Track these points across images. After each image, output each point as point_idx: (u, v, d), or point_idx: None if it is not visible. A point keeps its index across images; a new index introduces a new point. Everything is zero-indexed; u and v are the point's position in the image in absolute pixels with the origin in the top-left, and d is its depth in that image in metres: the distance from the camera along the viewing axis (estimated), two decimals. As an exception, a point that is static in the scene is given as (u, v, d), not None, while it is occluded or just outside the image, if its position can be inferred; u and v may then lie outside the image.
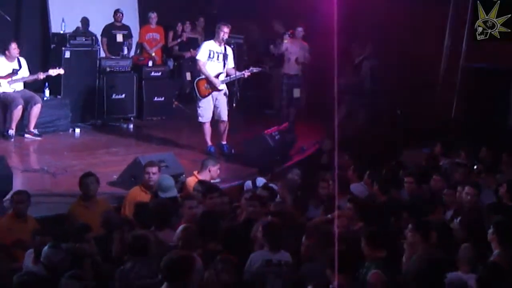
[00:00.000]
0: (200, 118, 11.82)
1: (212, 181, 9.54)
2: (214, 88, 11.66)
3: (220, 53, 11.73)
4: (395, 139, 13.34)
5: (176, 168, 10.03)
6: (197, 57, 11.77)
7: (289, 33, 14.63)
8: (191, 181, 9.50)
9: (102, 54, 14.44)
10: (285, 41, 14.54)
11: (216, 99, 11.76)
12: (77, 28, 14.25)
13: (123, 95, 14.06)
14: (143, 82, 14.48)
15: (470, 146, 11.52)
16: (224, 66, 11.75)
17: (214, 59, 11.68)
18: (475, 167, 10.22)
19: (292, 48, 14.49)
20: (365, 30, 15.90)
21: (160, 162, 9.41)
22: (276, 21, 16.25)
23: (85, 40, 13.77)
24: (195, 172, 9.73)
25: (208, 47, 11.74)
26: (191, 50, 15.98)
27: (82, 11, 14.70)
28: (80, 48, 13.60)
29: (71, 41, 13.48)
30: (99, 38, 14.51)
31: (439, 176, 9.63)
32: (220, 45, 11.72)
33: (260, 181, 9.76)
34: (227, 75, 11.86)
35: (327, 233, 6.94)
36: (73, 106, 13.25)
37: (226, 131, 11.98)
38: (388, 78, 15.31)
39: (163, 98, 14.75)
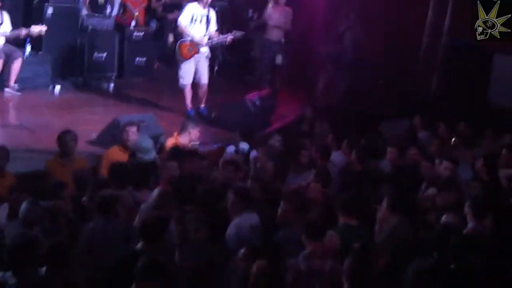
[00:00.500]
0: (181, 80, 11.80)
1: (191, 143, 9.55)
2: (196, 51, 11.61)
3: (204, 16, 11.66)
4: (374, 109, 13.40)
5: (155, 129, 10.05)
6: (179, 19, 11.71)
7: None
8: (171, 142, 9.50)
9: (85, 12, 14.31)
10: (269, 5, 14.44)
11: (198, 62, 11.72)
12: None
13: (105, 54, 13.96)
14: (125, 42, 14.37)
15: (449, 120, 11.58)
16: (207, 29, 11.70)
17: (197, 22, 11.62)
18: (452, 139, 10.26)
19: (274, 14, 14.39)
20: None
21: (140, 122, 9.39)
22: None
23: (68, -4, 13.68)
24: (175, 134, 9.73)
25: (192, 9, 11.67)
26: (175, 11, 15.87)
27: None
28: (62, 5, 13.48)
29: (54, -3, 13.37)
30: (82, -5, 14.36)
31: (416, 149, 9.68)
32: (204, 8, 11.64)
33: (243, 146, 9.80)
34: (210, 38, 11.81)
35: (303, 199, 7.03)
36: (54, 63, 13.12)
37: (205, 95, 11.96)
38: (370, 49, 15.34)
39: (144, 59, 14.66)
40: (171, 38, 15.86)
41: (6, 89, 12.05)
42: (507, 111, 13.24)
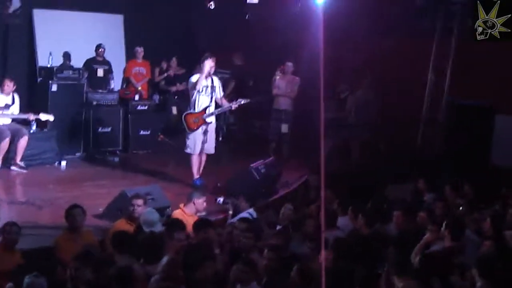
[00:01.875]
0: (188, 149, 11.83)
1: (198, 214, 9.57)
2: (202, 121, 11.71)
3: (207, 86, 11.79)
4: (378, 173, 13.45)
5: (162, 201, 10.06)
6: (191, 79, 11.86)
7: (279, 68, 14.73)
8: (177, 214, 9.49)
9: (88, 88, 14.49)
10: (277, 77, 14.65)
11: (205, 132, 11.81)
12: (64, 61, 14.34)
13: (109, 129, 14.14)
14: (129, 115, 14.57)
15: (453, 181, 11.56)
16: (211, 98, 11.80)
17: (203, 93, 11.75)
18: (460, 208, 10.20)
19: (282, 83, 14.60)
20: (351, 65, 16.12)
21: (146, 194, 9.42)
22: (235, 55, 16.36)
23: (72, 73, 13.89)
24: (181, 205, 9.74)
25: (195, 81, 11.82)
26: (177, 84, 16.08)
27: (69, 46, 14.79)
28: (66, 82, 13.71)
29: (58, 75, 13.59)
30: (80, 71, 14.58)
31: (425, 213, 9.66)
32: (206, 79, 11.79)
33: (250, 212, 9.85)
34: (217, 106, 11.93)
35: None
36: (59, 139, 13.28)
37: (203, 164, 12.02)
38: (373, 113, 15.47)
39: (149, 132, 14.82)
40: (174, 110, 16.08)
41: (13, 167, 12.18)
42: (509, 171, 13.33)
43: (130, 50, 16.16)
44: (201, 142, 11.79)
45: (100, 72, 14.98)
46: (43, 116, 12.30)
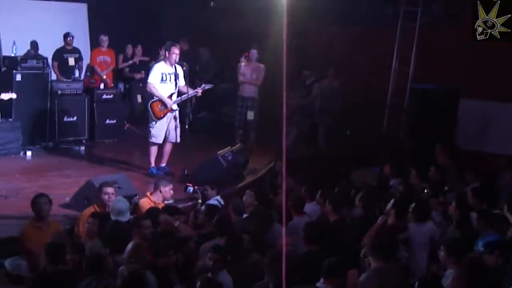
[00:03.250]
0: (153, 138, 11.80)
1: (165, 202, 9.57)
2: (168, 109, 11.69)
3: (172, 74, 11.76)
4: (345, 159, 13.54)
5: (129, 190, 10.05)
6: (149, 80, 11.77)
7: (245, 55, 14.70)
8: (144, 202, 9.51)
9: (54, 77, 14.40)
10: (242, 64, 14.62)
11: (170, 120, 11.80)
12: (28, 51, 14.22)
13: (75, 118, 14.05)
14: (94, 104, 14.50)
15: (418, 166, 11.68)
16: (176, 86, 11.79)
17: (167, 80, 11.72)
18: (425, 190, 10.32)
19: (247, 70, 14.56)
20: (316, 52, 16.21)
21: (113, 183, 9.41)
22: (182, 40, 16.38)
23: (36, 63, 13.74)
24: (148, 193, 9.75)
25: (160, 69, 11.75)
26: (142, 71, 16.03)
27: (33, 35, 14.67)
28: (31, 71, 13.58)
29: (22, 64, 13.45)
30: (50, 61, 14.45)
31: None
32: (171, 66, 11.76)
33: (218, 199, 9.90)
34: (180, 94, 11.89)
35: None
36: (24, 129, 13.18)
37: (169, 152, 12.01)
38: (338, 101, 15.56)
39: (114, 121, 14.77)
40: (139, 98, 16.03)
41: (-23, 159, 12.07)
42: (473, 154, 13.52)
43: (94, 38, 16.05)
44: (165, 131, 11.78)
45: (71, 61, 14.85)
46: (5, 96, 12.08)
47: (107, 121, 14.64)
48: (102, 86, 14.95)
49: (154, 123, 11.76)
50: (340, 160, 13.62)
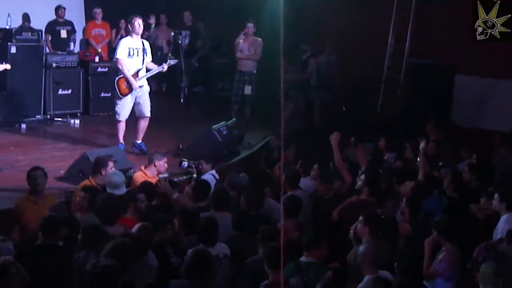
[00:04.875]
0: (117, 116, 11.63)
1: (160, 175, 9.55)
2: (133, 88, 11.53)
3: (139, 48, 11.52)
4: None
5: (124, 163, 10.06)
6: (117, 56, 11.47)
7: (244, 32, 14.56)
8: (139, 176, 9.52)
9: (48, 50, 14.35)
10: (240, 40, 14.53)
11: (137, 96, 11.61)
12: (23, 23, 14.15)
13: (70, 91, 14.03)
14: (89, 77, 14.46)
15: (413, 141, 11.69)
16: (143, 61, 11.57)
17: (134, 55, 11.47)
18: (418, 159, 10.36)
19: (244, 45, 14.47)
20: (313, 27, 16.16)
21: (108, 156, 9.41)
22: (185, 13, 16.29)
23: (31, 35, 13.67)
24: (143, 167, 9.74)
25: (127, 44, 11.49)
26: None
27: (28, 7, 14.60)
28: (26, 43, 13.51)
29: (17, 36, 13.38)
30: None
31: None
32: (138, 40, 11.62)
33: (213, 173, 9.90)
34: (147, 69, 11.68)
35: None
36: (19, 102, 13.17)
37: (145, 129, 11.83)
38: (335, 76, 15.54)
39: (109, 94, 14.65)
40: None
41: (-29, 130, 12.04)
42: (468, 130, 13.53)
43: (89, 11, 15.96)
44: (130, 108, 11.63)
45: (64, 33, 14.84)
46: None
47: (102, 94, 14.58)
48: (97, 59, 14.89)
49: (119, 100, 11.57)
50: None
